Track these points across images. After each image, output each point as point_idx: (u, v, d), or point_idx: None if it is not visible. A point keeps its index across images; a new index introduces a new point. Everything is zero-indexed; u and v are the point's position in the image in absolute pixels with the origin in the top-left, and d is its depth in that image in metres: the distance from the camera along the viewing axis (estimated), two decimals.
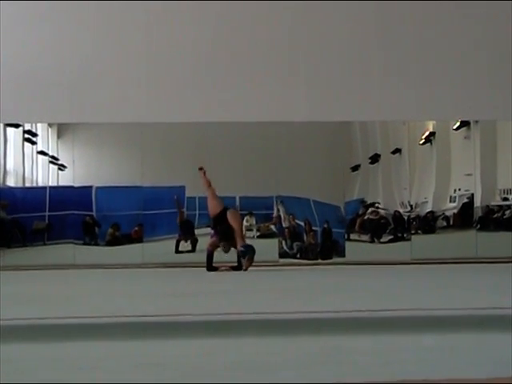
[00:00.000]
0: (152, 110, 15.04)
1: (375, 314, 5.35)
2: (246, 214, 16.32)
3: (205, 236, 15.98)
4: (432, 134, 17.03)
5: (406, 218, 16.73)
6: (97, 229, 16.50)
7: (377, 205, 16.92)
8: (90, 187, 16.58)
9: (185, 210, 16.51)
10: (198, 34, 14.71)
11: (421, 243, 16.39)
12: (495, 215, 16.76)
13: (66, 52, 15.27)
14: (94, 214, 16.54)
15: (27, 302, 7.20)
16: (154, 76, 15.16)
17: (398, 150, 17.06)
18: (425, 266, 14.44)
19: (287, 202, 16.69)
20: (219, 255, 13.25)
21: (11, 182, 17.00)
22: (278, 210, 16.52)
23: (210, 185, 13.53)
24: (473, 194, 16.86)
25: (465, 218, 16.78)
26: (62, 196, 16.54)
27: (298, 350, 3.78)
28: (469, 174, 16.88)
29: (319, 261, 16.27)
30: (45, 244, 16.44)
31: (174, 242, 16.29)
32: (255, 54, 15.53)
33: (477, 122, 16.62)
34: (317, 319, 5.13)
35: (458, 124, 16.97)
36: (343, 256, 16.31)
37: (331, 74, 15.24)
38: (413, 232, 16.60)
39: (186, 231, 16.35)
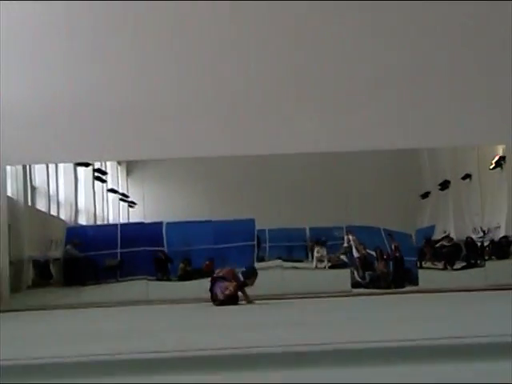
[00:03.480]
0: (218, 143, 15.48)
1: (454, 341, 5.12)
2: (316, 245, 16.44)
3: (276, 268, 16.29)
4: (502, 158, 16.68)
5: (478, 243, 16.42)
6: (169, 264, 16.46)
7: (447, 232, 16.69)
8: (161, 223, 16.51)
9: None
10: (266, 66, 15.27)
11: (495, 269, 16.06)
12: None
13: (132, 90, 15.33)
14: (165, 249, 16.48)
15: (107, 338, 7.16)
16: (221, 110, 15.45)
17: (468, 176, 16.82)
18: (500, 291, 14.16)
19: (357, 231, 16.47)
20: None
21: (83, 221, 17.17)
22: (349, 240, 16.32)
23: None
24: None
25: None
26: (132, 232, 16.57)
27: None
28: None
29: (392, 290, 16.02)
30: (118, 281, 16.43)
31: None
32: (321, 84, 15.46)
33: None
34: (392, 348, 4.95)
35: None
36: (416, 284, 16.03)
37: (398, 101, 15.43)
38: (486, 258, 16.27)
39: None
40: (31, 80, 15.63)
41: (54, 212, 16.93)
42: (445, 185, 16.84)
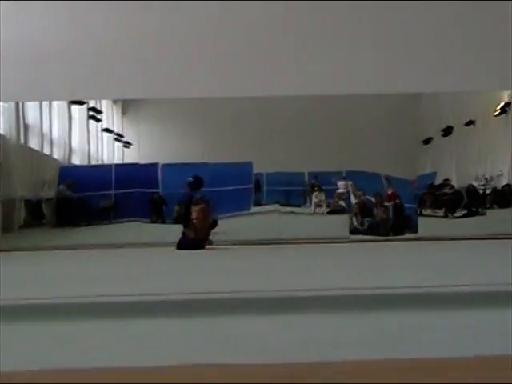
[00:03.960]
0: (218, 84, 15.24)
1: (450, 290, 5.37)
2: (315, 190, 16.50)
3: (274, 213, 16.32)
4: (507, 104, 16.58)
5: (480, 191, 16.49)
6: (163, 207, 16.53)
7: (449, 180, 16.76)
8: (156, 164, 16.52)
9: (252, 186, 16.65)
10: (267, 4, 15.33)
11: (497, 217, 16.11)
12: None
13: (129, 27, 15.46)
14: (160, 191, 16.56)
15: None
16: (220, 49, 15.61)
17: (471, 122, 16.82)
18: (501, 240, 13.87)
19: (357, 177, 16.42)
20: None
21: (76, 161, 17.14)
22: (346, 186, 16.36)
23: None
24: None
25: None
26: (127, 174, 16.62)
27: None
28: None
29: (391, 237, 15.81)
30: (111, 222, 16.57)
31: (241, 218, 16.48)
32: (322, 26, 15.66)
33: None
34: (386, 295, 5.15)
35: None
36: (416, 232, 15.83)
37: (398, 44, 15.43)
38: (488, 206, 16.41)
39: None
40: (26, 17, 15.13)
41: (46, 151, 16.90)
42: (447, 131, 16.88)
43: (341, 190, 16.35)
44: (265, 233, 15.42)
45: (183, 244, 12.43)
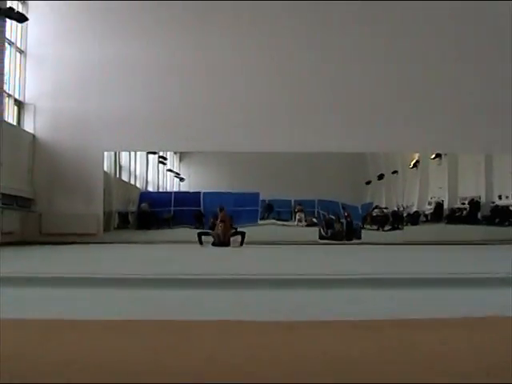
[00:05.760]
0: (246, 140, 17.18)
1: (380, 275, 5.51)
2: (298, 211, 17.70)
3: (271, 225, 17.65)
4: (417, 161, 18.09)
5: (400, 215, 17.84)
6: (203, 219, 17.73)
7: (380, 207, 17.58)
8: (200, 192, 18.15)
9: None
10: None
11: (410, 231, 17.61)
12: (457, 214, 17.65)
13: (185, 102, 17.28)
14: (201, 209, 17.94)
15: (167, 262, 7.95)
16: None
17: (395, 171, 18.26)
18: (414, 246, 15.14)
19: (325, 203, 18.00)
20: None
21: (150, 188, 18.75)
22: (318, 208, 17.76)
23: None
24: (443, 200, 18.05)
25: (437, 215, 17.79)
26: (182, 197, 18.10)
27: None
28: (440, 188, 17.98)
29: (345, 241, 17.33)
30: (170, 228, 17.82)
31: (251, 227, 17.22)
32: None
33: (445, 154, 17.70)
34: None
35: (433, 155, 17.99)
36: (360, 238, 17.64)
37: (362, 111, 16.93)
38: (405, 224, 17.77)
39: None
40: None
41: (132, 182, 18.49)
42: (381, 177, 18.25)
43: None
44: (266, 237, 16.97)
45: (214, 243, 14.35)
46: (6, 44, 15.73)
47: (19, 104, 16.67)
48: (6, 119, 15.77)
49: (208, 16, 17.18)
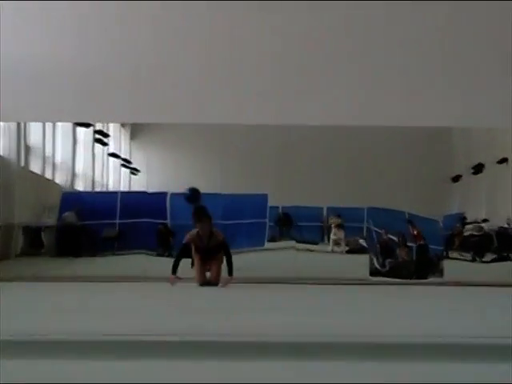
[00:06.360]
0: (235, 110, 15.12)
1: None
2: (335, 227, 16.26)
3: (289, 250, 16.14)
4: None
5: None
6: (171, 239, 15.92)
7: (478, 221, 16.44)
8: (165, 193, 16.21)
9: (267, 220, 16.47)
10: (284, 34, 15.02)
11: None
12: None
13: (139, 48, 15.71)
14: (168, 222, 16.08)
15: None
16: (236, 75, 15.21)
17: (504, 160, 16.41)
18: None
19: (379, 214, 16.14)
20: None
21: (80, 186, 17.07)
22: (369, 223, 16.02)
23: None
24: None
25: None
26: (134, 202, 16.25)
27: None
28: None
29: (415, 280, 15.41)
30: (114, 254, 16.15)
31: (254, 254, 16.04)
32: (348, 57, 15.86)
33: None
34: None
35: None
36: (441, 275, 15.47)
37: (429, 74, 15.05)
38: None
39: None
40: (33, 35, 15.23)
41: (48, 175, 16.89)
42: (478, 168, 16.70)
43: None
44: (280, 271, 15.03)
45: (205, 282, 12.44)
46: None
47: None
48: None
49: None
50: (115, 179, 17.08)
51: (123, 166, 16.69)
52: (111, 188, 17.08)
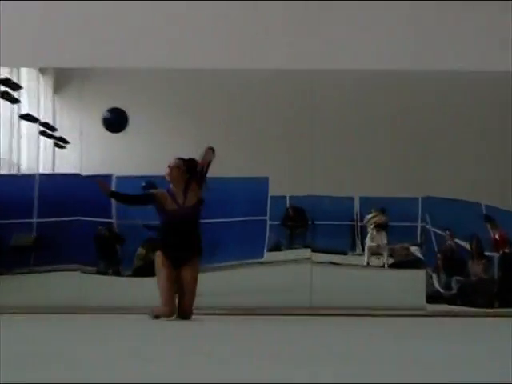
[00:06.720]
0: (209, 54, 14.17)
1: None
2: (372, 227, 14.12)
3: (303, 262, 13.94)
4: None
5: None
6: (118, 247, 14.00)
7: None
8: (109, 177, 13.74)
9: None
10: None
11: None
12: None
13: None
14: (114, 221, 14.02)
15: None
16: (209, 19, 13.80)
17: None
18: None
19: (442, 207, 13.61)
20: None
21: None
22: (426, 222, 14.07)
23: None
24: None
25: None
26: (60, 191, 13.84)
27: None
28: None
29: (496, 310, 13.53)
30: (31, 271, 13.72)
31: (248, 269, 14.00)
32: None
33: None
34: None
35: None
36: None
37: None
38: None
39: None
40: None
41: None
42: None
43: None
44: (291, 295, 13.20)
45: (175, 313, 11.09)
46: None
47: None
48: None
49: None
50: (31, 155, 14.56)
51: (43, 133, 14.22)
52: (25, 169, 14.64)
